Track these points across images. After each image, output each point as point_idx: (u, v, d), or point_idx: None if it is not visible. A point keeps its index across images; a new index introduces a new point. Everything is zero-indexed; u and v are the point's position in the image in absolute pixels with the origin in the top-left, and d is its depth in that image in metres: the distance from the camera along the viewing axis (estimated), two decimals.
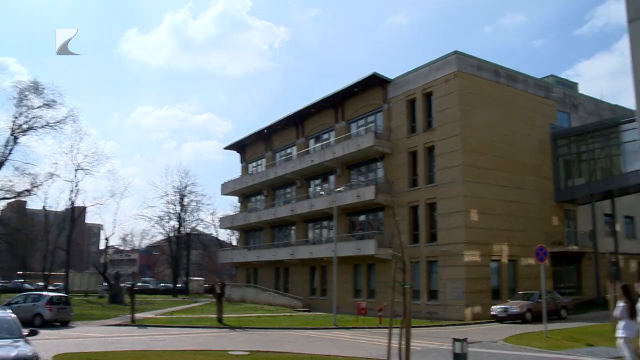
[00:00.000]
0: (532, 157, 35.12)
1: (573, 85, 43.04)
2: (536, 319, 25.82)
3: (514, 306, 27.86)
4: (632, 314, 11.63)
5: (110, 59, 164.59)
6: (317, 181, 44.15)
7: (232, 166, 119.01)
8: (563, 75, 57.57)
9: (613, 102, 43.32)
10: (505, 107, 34.04)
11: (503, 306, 28.32)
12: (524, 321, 26.97)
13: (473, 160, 31.60)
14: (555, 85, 39.06)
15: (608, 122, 36.07)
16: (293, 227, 46.38)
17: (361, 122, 39.50)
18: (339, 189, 35.37)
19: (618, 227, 39.15)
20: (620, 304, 11.95)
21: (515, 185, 33.48)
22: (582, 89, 58.93)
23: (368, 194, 35.12)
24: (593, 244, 35.63)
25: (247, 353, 16.16)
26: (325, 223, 42.16)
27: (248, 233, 54.64)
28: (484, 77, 33.33)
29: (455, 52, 32.44)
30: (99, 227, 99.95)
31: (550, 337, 19.77)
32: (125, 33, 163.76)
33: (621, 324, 11.79)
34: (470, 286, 30.07)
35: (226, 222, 55.79)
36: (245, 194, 54.57)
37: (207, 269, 78.12)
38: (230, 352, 16.28)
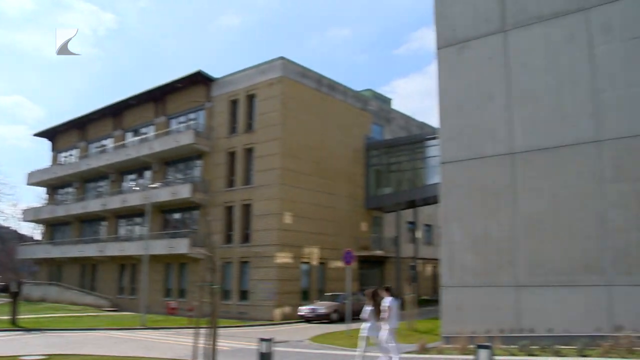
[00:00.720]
0: (346, 165, 36.84)
1: (388, 101, 46.03)
2: (342, 318, 26.83)
3: (321, 307, 28.90)
4: (377, 317, 13.09)
5: None
6: (133, 176, 42.11)
7: (41, 155, 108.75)
8: (380, 91, 61.17)
9: (421, 120, 47.17)
10: (325, 115, 35.35)
11: (311, 307, 29.23)
12: (331, 321, 28.00)
13: (290, 164, 32.32)
14: (372, 99, 41.42)
15: (416, 137, 38.95)
16: (104, 223, 43.89)
17: (182, 118, 38.50)
18: (153, 185, 34.14)
19: (418, 234, 42.70)
20: (368, 307, 13.27)
21: (329, 190, 34.87)
22: (396, 105, 63.23)
23: (184, 192, 34.31)
24: (396, 249, 38.33)
25: (43, 357, 14.91)
26: (138, 220, 40.31)
27: (55, 227, 50.64)
28: (307, 85, 34.32)
29: (281, 58, 32.96)
30: None
31: (352, 336, 20.70)
32: None
33: (367, 324, 13.14)
34: (281, 287, 30.68)
35: (30, 214, 51.09)
36: (53, 185, 50.56)
37: (4, 265, 71.06)
38: (23, 357, 14.82)
